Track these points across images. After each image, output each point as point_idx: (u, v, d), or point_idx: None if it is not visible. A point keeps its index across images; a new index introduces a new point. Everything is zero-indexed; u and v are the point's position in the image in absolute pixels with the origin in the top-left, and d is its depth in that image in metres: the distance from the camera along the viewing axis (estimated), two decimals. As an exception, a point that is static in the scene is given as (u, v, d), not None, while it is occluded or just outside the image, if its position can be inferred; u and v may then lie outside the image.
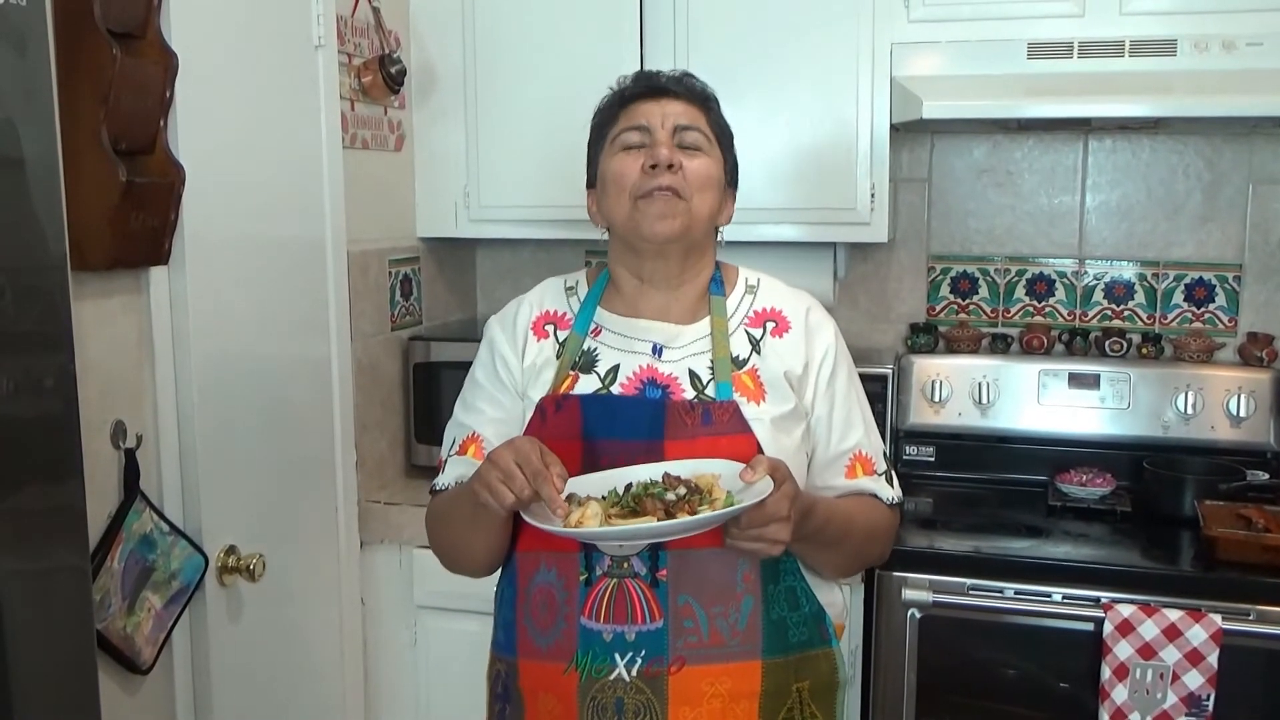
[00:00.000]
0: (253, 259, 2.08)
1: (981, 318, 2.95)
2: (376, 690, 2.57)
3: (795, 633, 1.49)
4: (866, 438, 1.60)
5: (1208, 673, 2.06)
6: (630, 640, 1.44)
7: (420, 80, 2.76)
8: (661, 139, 1.51)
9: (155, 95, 1.76)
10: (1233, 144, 2.73)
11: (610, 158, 1.55)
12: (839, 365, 1.59)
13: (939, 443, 2.83)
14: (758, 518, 1.31)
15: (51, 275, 1.30)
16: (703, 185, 1.52)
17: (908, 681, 2.27)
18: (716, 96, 1.61)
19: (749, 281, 1.63)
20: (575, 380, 1.54)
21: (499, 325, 1.64)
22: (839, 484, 1.57)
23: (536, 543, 1.50)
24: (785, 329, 1.57)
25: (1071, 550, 2.35)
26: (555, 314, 1.62)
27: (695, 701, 1.44)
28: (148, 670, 1.81)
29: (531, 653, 1.51)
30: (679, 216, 1.50)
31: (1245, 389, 2.65)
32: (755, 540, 1.33)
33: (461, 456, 1.58)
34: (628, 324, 1.57)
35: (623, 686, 1.44)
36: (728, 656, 1.45)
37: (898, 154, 2.85)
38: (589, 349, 1.57)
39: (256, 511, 2.10)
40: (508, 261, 3.22)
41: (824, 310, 1.63)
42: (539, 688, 1.50)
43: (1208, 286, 2.80)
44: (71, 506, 1.35)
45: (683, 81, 1.58)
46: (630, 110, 1.55)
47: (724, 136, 1.59)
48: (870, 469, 1.59)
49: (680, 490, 1.34)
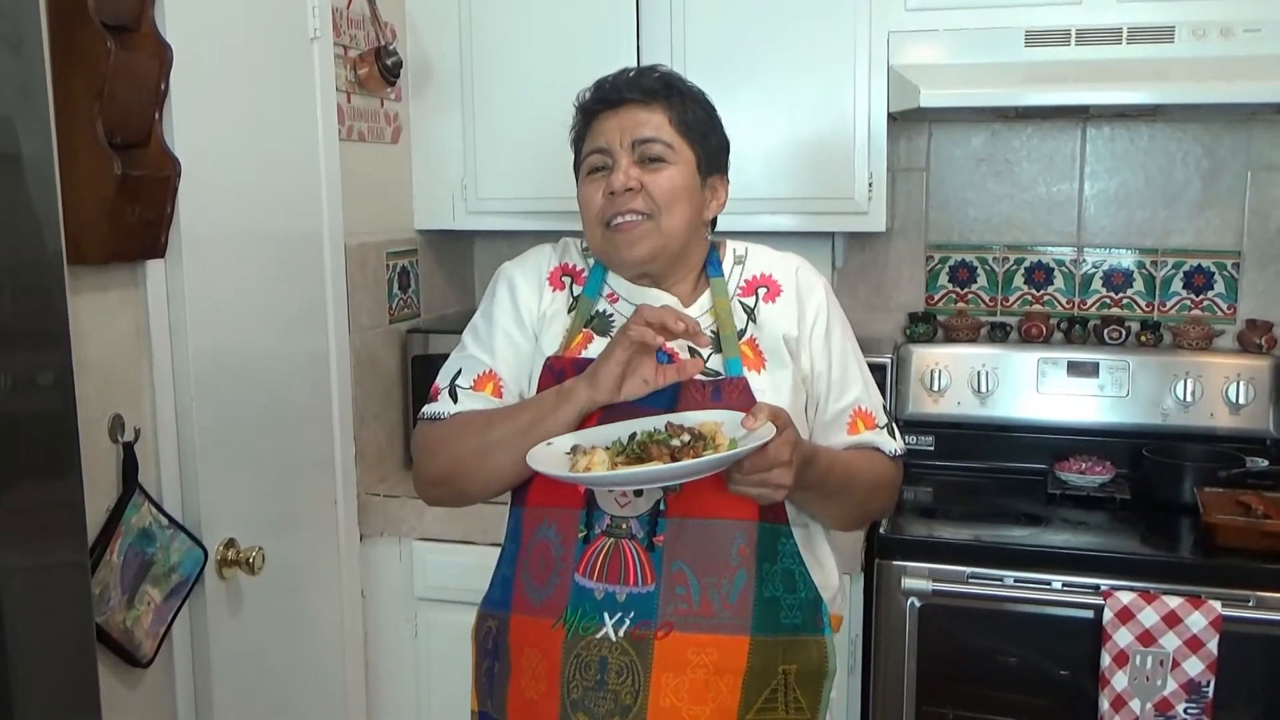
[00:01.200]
0: (250, 252, 2.08)
1: (980, 306, 2.95)
2: (377, 682, 2.58)
3: (788, 615, 1.49)
4: (866, 392, 1.61)
5: (1208, 659, 2.07)
6: (620, 600, 1.45)
7: (416, 72, 2.76)
8: (621, 161, 1.51)
9: (150, 88, 1.75)
10: (1231, 131, 2.73)
11: (581, 184, 1.57)
12: (833, 322, 1.60)
13: (938, 432, 2.83)
14: (761, 462, 1.33)
15: (48, 270, 1.29)
16: (670, 200, 1.52)
17: (908, 670, 2.27)
18: (681, 87, 1.57)
19: (737, 253, 1.64)
20: (589, 339, 1.56)
21: (519, 271, 1.64)
22: (841, 440, 1.58)
23: (543, 498, 1.51)
24: (777, 293, 1.59)
25: (1071, 538, 2.36)
26: (572, 267, 1.64)
27: (679, 669, 1.44)
28: (148, 663, 1.81)
29: (524, 607, 1.51)
30: (648, 239, 1.52)
31: (1244, 376, 2.65)
32: (759, 485, 1.35)
33: (478, 393, 1.58)
34: (643, 293, 1.58)
35: (608, 646, 1.45)
36: (716, 627, 1.45)
37: (895, 143, 2.85)
38: (604, 311, 1.59)
39: (256, 505, 2.10)
40: (506, 253, 3.17)
41: (813, 269, 1.64)
42: (526, 642, 1.50)
43: (1206, 274, 2.80)
44: (70, 502, 1.34)
45: (639, 83, 1.55)
46: (593, 128, 1.56)
47: (694, 129, 1.56)
48: (871, 423, 1.60)
49: (684, 437, 1.36)
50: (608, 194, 1.51)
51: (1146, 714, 2.10)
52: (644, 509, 1.47)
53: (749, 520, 1.47)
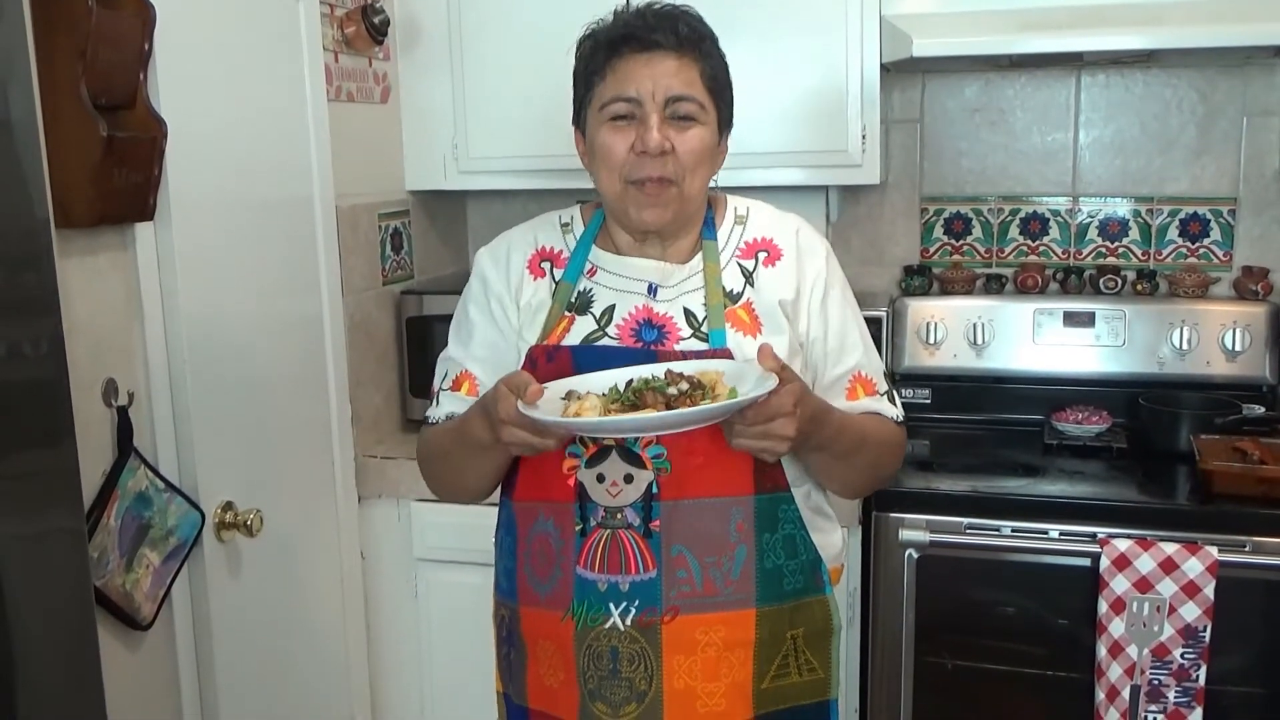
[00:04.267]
0: (240, 214, 2.06)
1: (975, 258, 2.94)
2: (378, 643, 2.59)
3: (790, 581, 1.49)
4: (866, 358, 1.58)
5: (1204, 604, 2.08)
6: (624, 590, 1.44)
7: (404, 30, 2.73)
8: (652, 118, 1.44)
9: (134, 48, 1.73)
10: (1226, 76, 2.71)
11: (599, 127, 1.48)
12: (831, 286, 1.56)
13: (935, 384, 2.83)
14: (763, 412, 1.29)
15: (36, 237, 1.28)
16: (696, 165, 1.47)
17: (906, 621, 2.28)
18: (708, 33, 1.51)
19: (738, 211, 1.60)
20: (571, 322, 1.52)
21: (490, 261, 1.60)
22: (840, 405, 1.53)
23: (534, 493, 1.50)
24: (777, 257, 1.55)
25: (1068, 487, 2.36)
26: (551, 251, 1.59)
27: (689, 650, 1.45)
28: (148, 626, 1.82)
29: (531, 600, 1.51)
30: (670, 205, 1.48)
31: (1240, 323, 2.64)
32: (761, 437, 1.31)
33: (455, 393, 1.58)
34: (623, 263, 1.55)
35: (617, 635, 1.45)
36: (721, 605, 1.45)
37: (889, 95, 2.83)
38: (585, 289, 1.55)
39: (253, 468, 2.10)
40: (499, 212, 3.20)
41: (815, 232, 1.60)
42: (539, 634, 1.51)
43: (1202, 221, 2.79)
44: (65, 468, 1.34)
45: (673, 28, 1.46)
46: (619, 70, 1.46)
47: (721, 86, 1.51)
48: (872, 389, 1.57)
49: (683, 385, 1.32)
50: (638, 151, 1.44)
51: (1144, 660, 2.12)
52: (635, 497, 1.44)
53: (745, 495, 1.45)
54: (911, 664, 2.30)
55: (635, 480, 1.44)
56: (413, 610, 2.57)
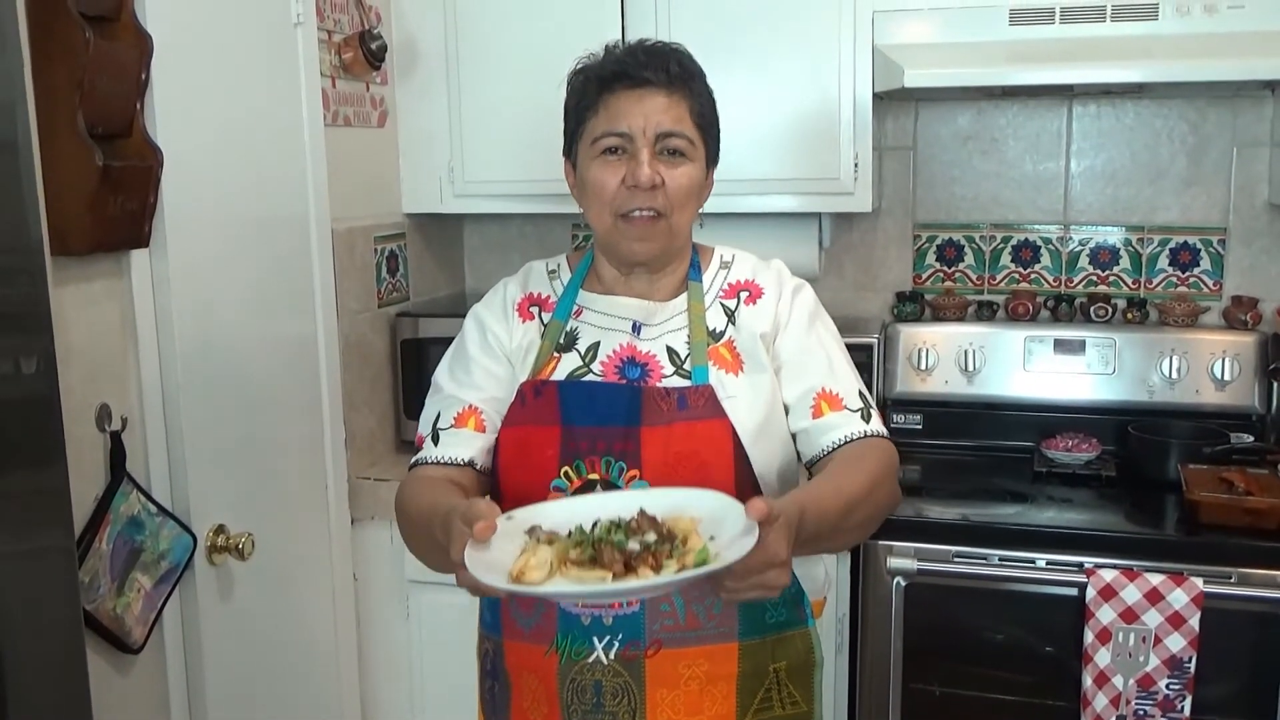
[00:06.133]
0: (236, 239, 2.08)
1: (967, 285, 2.96)
2: (370, 665, 2.60)
3: (773, 614, 1.50)
4: (831, 375, 1.53)
5: (1189, 635, 2.09)
6: (608, 624, 1.45)
7: (402, 56, 2.75)
8: (643, 153, 1.46)
9: (131, 78, 1.75)
10: (1216, 107, 2.73)
11: (590, 161, 1.51)
12: (799, 310, 1.56)
13: (926, 410, 2.84)
14: (755, 564, 1.17)
15: (30, 258, 1.30)
16: (685, 200, 1.50)
17: (894, 649, 2.29)
18: (697, 70, 1.53)
19: (724, 258, 1.63)
20: (557, 361, 1.54)
21: (485, 308, 1.63)
22: (806, 424, 1.51)
23: None
24: (758, 295, 1.57)
25: (1056, 516, 2.37)
26: (539, 296, 1.62)
27: (672, 684, 1.46)
28: (139, 650, 1.82)
29: (515, 634, 1.52)
30: (658, 238, 1.50)
31: (1230, 352, 2.66)
32: (753, 589, 1.21)
33: (460, 430, 1.53)
34: (608, 302, 1.57)
35: (601, 669, 1.46)
36: (704, 639, 1.46)
37: (882, 122, 2.85)
38: (571, 329, 1.57)
39: (245, 491, 2.11)
40: (495, 236, 3.22)
41: (785, 269, 1.62)
42: (523, 668, 1.52)
43: (1192, 250, 2.81)
44: (56, 489, 1.35)
45: (663, 66, 1.48)
46: (611, 106, 1.48)
47: (709, 122, 1.53)
48: (839, 404, 1.51)
49: (649, 537, 1.21)
50: (629, 185, 1.47)
51: (1129, 690, 2.13)
52: None
53: None
54: (899, 691, 2.31)
55: None
56: (405, 632, 2.58)
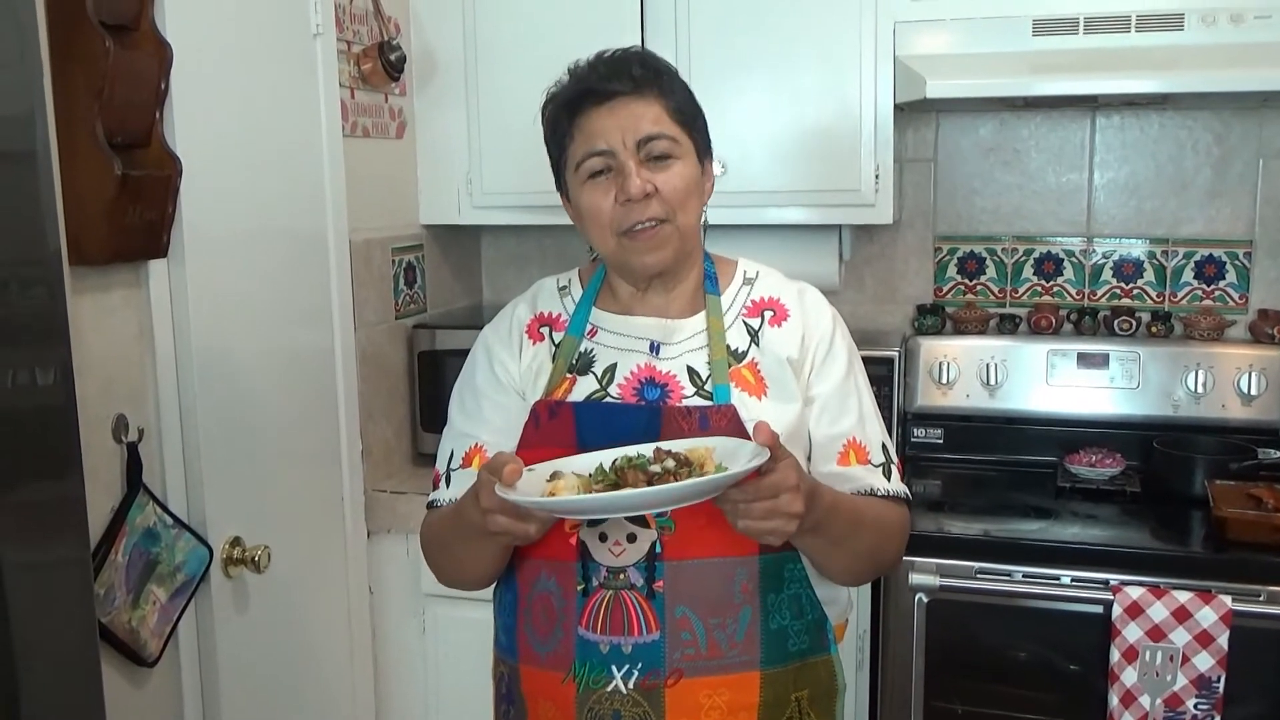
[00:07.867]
0: (253, 250, 2.08)
1: (989, 298, 2.93)
2: (386, 679, 2.58)
3: (795, 641, 1.46)
4: (861, 425, 1.51)
5: (1218, 654, 2.05)
6: (627, 653, 1.41)
7: (421, 67, 2.75)
8: (629, 165, 1.42)
9: (150, 88, 1.75)
10: (1242, 118, 2.70)
11: (580, 188, 1.47)
12: (836, 348, 1.52)
13: (947, 424, 2.81)
14: (767, 488, 1.23)
15: (48, 267, 1.29)
16: (684, 198, 1.45)
17: (916, 666, 2.26)
18: (664, 68, 1.48)
19: (747, 274, 1.58)
20: (572, 383, 1.50)
21: (493, 333, 1.60)
22: (830, 469, 1.48)
23: (536, 551, 1.46)
24: (784, 317, 1.52)
25: (1080, 532, 2.34)
26: (549, 315, 1.57)
27: (693, 713, 1.41)
28: (154, 663, 1.82)
29: (531, 659, 1.48)
30: (668, 245, 1.45)
31: (1256, 367, 2.62)
32: (767, 515, 1.25)
33: (467, 469, 1.52)
34: (624, 322, 1.53)
35: (620, 699, 1.41)
36: (726, 668, 1.41)
37: (903, 134, 2.83)
38: (585, 350, 1.52)
39: (261, 503, 2.10)
40: (513, 247, 3.21)
41: (823, 298, 1.57)
42: (539, 694, 1.47)
43: (1218, 263, 2.77)
44: (72, 499, 1.34)
45: (626, 71, 1.44)
46: (584, 127, 1.45)
47: (688, 115, 1.48)
48: (865, 458, 1.50)
49: (669, 463, 1.26)
50: (622, 202, 1.43)
51: (1156, 710, 2.09)
52: (638, 556, 1.41)
53: (750, 555, 1.41)
54: (921, 709, 2.28)
55: (639, 540, 1.41)
56: (420, 646, 2.56)
